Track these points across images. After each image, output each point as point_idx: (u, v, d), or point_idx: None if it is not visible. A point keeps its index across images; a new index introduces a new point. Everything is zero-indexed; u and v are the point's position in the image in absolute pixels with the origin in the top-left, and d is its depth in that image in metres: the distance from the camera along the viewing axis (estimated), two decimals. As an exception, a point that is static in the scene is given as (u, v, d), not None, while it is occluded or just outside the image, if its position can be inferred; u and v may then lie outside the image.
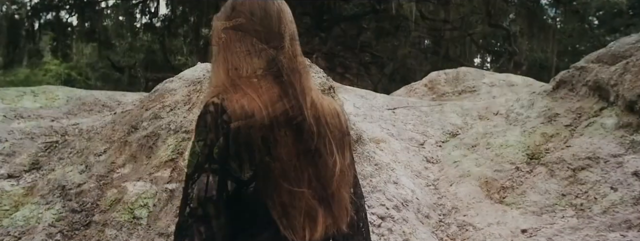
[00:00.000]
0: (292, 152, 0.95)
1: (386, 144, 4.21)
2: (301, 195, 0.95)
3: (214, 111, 0.93)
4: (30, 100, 3.93)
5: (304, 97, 0.99)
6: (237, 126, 0.92)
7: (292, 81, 0.99)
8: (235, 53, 1.01)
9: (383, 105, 5.54)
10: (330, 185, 0.99)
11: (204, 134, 0.93)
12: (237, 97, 0.95)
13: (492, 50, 17.58)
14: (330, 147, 1.00)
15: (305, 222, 0.96)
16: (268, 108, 0.95)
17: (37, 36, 13.29)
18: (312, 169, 0.98)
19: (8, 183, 2.95)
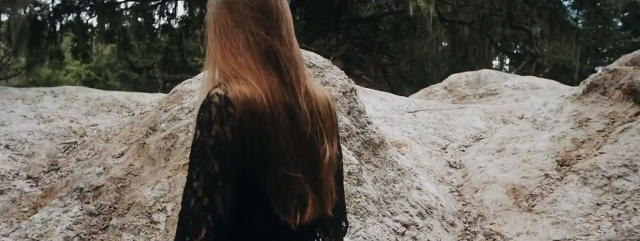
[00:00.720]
0: (289, 138, 0.98)
1: (407, 148, 4.09)
2: (296, 180, 0.98)
3: (218, 102, 0.93)
4: (50, 100, 3.93)
5: (299, 87, 1.02)
6: (242, 116, 0.93)
7: (289, 70, 1.01)
8: (233, 40, 1.02)
9: (403, 107, 5.42)
10: (320, 171, 1.03)
11: (208, 125, 0.93)
12: (238, 86, 0.96)
13: (511, 52, 17.27)
14: (321, 135, 1.03)
15: (297, 205, 0.99)
16: (268, 96, 0.97)
17: (58, 37, 13.48)
18: (305, 156, 1.01)
19: (27, 184, 2.92)
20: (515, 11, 10.98)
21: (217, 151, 0.92)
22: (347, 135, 3.06)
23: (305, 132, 1.00)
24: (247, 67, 0.99)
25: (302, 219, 1.00)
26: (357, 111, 3.29)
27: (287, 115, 0.98)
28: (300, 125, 1.00)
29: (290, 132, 0.98)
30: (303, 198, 1.00)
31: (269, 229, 1.00)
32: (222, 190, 0.92)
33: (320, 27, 11.97)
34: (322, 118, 1.04)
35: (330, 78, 3.28)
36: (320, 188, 1.03)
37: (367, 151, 3.15)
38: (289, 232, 1.00)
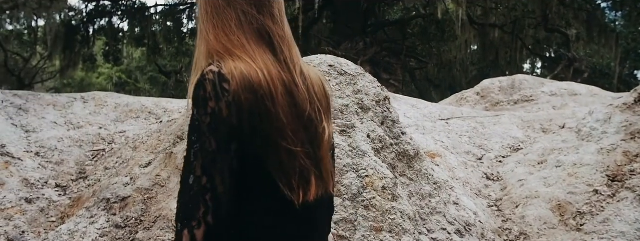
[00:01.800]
0: (288, 113, 0.97)
1: (442, 159, 3.91)
2: (297, 154, 0.97)
3: (213, 79, 0.92)
4: (80, 106, 3.93)
5: (294, 65, 1.02)
6: (238, 91, 0.92)
7: (283, 48, 1.01)
8: (225, 19, 1.01)
9: (435, 115, 5.23)
10: (320, 150, 1.03)
11: (204, 103, 0.91)
12: (233, 63, 0.95)
13: (544, 55, 16.71)
14: (319, 113, 1.03)
15: (300, 182, 0.98)
16: (264, 71, 0.96)
17: (91, 41, 13.79)
18: (305, 133, 1.00)
19: (56, 192, 2.89)
20: (551, 13, 10.57)
21: (213, 128, 0.91)
22: (381, 146, 2.92)
23: (305, 109, 1.00)
24: (240, 45, 0.98)
25: (306, 196, 0.99)
26: (391, 121, 3.14)
27: (285, 90, 0.98)
28: (299, 103, 1.00)
29: (289, 108, 0.97)
30: (305, 175, 0.99)
31: (274, 209, 0.98)
32: (221, 168, 0.90)
33: (347, 30, 11.84)
34: (318, 98, 1.04)
35: (363, 87, 3.15)
36: (322, 166, 1.03)
37: (402, 163, 3.00)
38: (293, 212, 0.98)
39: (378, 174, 2.68)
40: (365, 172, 2.66)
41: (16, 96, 3.69)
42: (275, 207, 0.98)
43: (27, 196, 2.72)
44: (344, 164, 2.65)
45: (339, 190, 2.58)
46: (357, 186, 2.58)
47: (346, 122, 2.87)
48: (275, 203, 0.98)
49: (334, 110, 2.90)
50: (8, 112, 3.45)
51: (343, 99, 2.99)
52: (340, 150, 2.70)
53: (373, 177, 2.65)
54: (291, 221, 1.00)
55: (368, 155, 2.76)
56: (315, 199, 1.01)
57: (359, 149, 2.76)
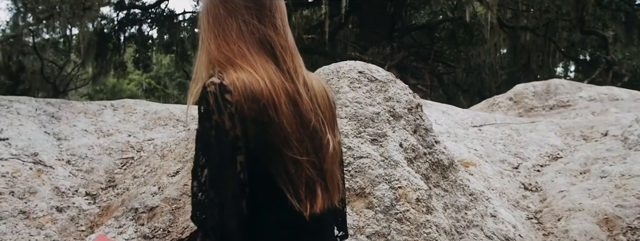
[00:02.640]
0: (292, 123, 0.96)
1: (476, 168, 3.75)
2: (303, 163, 0.96)
3: (214, 91, 0.92)
4: (110, 114, 3.96)
5: (297, 75, 1.01)
6: (240, 102, 0.92)
7: (286, 59, 1.00)
8: (227, 29, 1.01)
9: (467, 121, 5.06)
10: (325, 161, 1.01)
11: (207, 116, 0.92)
12: (235, 73, 0.95)
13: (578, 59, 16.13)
14: (323, 125, 1.02)
15: (306, 193, 0.97)
16: (267, 81, 0.95)
17: (122, 48, 14.12)
18: (310, 143, 0.99)
19: (85, 201, 2.89)
20: (587, 15, 10.19)
21: (218, 141, 0.90)
22: (414, 156, 2.80)
23: (310, 120, 0.99)
24: (240, 55, 0.98)
25: (313, 208, 0.98)
26: (424, 129, 3.02)
27: (289, 100, 0.97)
28: (303, 113, 0.98)
29: (293, 117, 0.96)
30: (311, 186, 0.98)
31: (284, 222, 0.98)
32: (228, 181, 0.90)
33: (373, 35, 11.72)
34: (322, 109, 1.03)
35: (394, 94, 3.04)
36: (327, 177, 1.01)
37: (435, 174, 2.87)
38: (302, 224, 0.97)
39: (411, 185, 2.56)
40: (398, 183, 2.55)
41: (49, 104, 3.74)
42: (285, 220, 0.97)
43: (57, 205, 2.73)
44: (376, 175, 2.55)
45: (371, 202, 2.48)
46: (389, 198, 2.48)
47: (377, 131, 2.77)
48: (284, 216, 0.97)
49: (365, 118, 2.81)
50: (41, 120, 3.50)
51: (374, 106, 2.89)
52: (372, 160, 2.60)
53: (406, 188, 2.54)
54: (301, 233, 0.99)
55: (401, 165, 2.65)
56: (321, 211, 0.99)
57: (391, 159, 2.65)
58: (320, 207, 0.99)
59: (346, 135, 2.69)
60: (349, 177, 2.55)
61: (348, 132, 2.71)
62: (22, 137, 3.18)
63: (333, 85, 3.02)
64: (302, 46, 11.68)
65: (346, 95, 2.90)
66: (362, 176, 2.55)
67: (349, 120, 2.78)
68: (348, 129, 2.73)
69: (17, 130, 3.25)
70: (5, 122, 3.31)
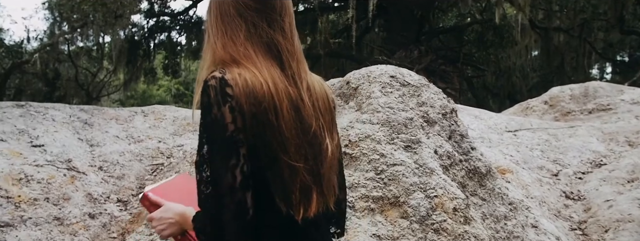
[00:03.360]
0: (292, 129, 0.96)
1: (513, 175, 3.60)
2: (298, 170, 0.96)
3: (215, 85, 0.92)
4: (140, 120, 3.99)
5: (301, 81, 1.01)
6: (241, 98, 0.92)
7: (291, 64, 1.00)
8: (234, 28, 1.00)
9: (501, 126, 4.88)
10: (323, 166, 1.01)
11: (208, 109, 0.92)
12: (238, 70, 0.95)
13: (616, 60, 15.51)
14: (323, 130, 1.02)
15: (300, 198, 0.97)
16: (270, 84, 0.95)
17: (152, 55, 14.43)
18: (309, 149, 0.99)
19: (117, 207, 2.90)
20: (627, 14, 9.76)
21: (219, 133, 0.91)
22: (449, 163, 2.69)
23: (311, 125, 0.99)
24: (246, 56, 0.98)
25: (307, 213, 0.98)
26: (459, 135, 2.90)
27: (291, 105, 0.97)
28: (304, 118, 0.99)
29: (293, 123, 0.96)
30: (306, 192, 0.98)
31: (279, 223, 0.98)
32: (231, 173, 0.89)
33: (401, 39, 11.57)
34: (322, 113, 1.03)
35: (428, 99, 2.94)
36: (323, 182, 1.01)
37: (472, 182, 2.75)
38: (296, 227, 0.97)
39: (448, 194, 2.45)
40: (434, 192, 2.45)
41: (82, 111, 3.80)
42: (281, 221, 0.97)
43: (90, 212, 2.74)
44: (410, 183, 2.46)
45: (406, 211, 2.39)
46: (425, 207, 2.38)
47: (411, 137, 2.68)
48: (281, 217, 0.97)
49: (398, 123, 2.72)
50: (75, 127, 3.55)
51: (406, 112, 2.80)
52: (406, 168, 2.51)
53: (443, 197, 2.44)
54: (296, 235, 0.99)
55: (436, 172, 2.55)
56: (316, 215, 1.00)
57: (426, 166, 2.55)
58: (314, 212, 0.99)
59: (378, 141, 2.61)
60: (383, 185, 2.47)
61: (380, 139, 2.62)
62: (56, 143, 3.23)
63: (364, 90, 2.95)
64: (329, 51, 11.64)
65: (378, 100, 2.82)
66: (396, 184, 2.46)
67: (381, 126, 2.69)
68: (380, 135, 2.64)
69: (52, 137, 3.30)
70: (42, 129, 3.37)
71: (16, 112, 3.52)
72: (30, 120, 3.45)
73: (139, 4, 10.79)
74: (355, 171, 2.53)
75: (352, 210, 2.41)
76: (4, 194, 2.64)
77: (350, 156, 2.57)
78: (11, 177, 2.76)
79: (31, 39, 11.94)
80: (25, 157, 2.97)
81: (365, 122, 2.73)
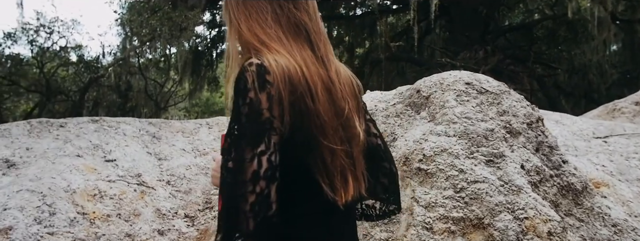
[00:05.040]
0: (328, 111, 0.95)
1: (609, 189, 3.19)
2: (338, 153, 0.95)
3: (255, 71, 0.89)
4: (205, 132, 4.00)
5: (330, 63, 1.00)
6: (280, 86, 0.89)
7: (319, 45, 0.99)
8: (261, 12, 0.98)
9: (587, 132, 4.41)
10: (355, 149, 1.00)
11: (243, 93, 0.89)
12: (272, 56, 0.93)
13: None
14: (353, 113, 1.01)
15: (341, 182, 0.96)
16: (303, 67, 0.93)
17: (214, 64, 14.89)
18: (343, 131, 0.98)
19: (185, 223, 2.88)
20: None
21: (251, 118, 0.88)
22: (539, 179, 2.40)
23: (343, 108, 0.98)
24: (276, 38, 0.96)
25: (346, 197, 0.97)
26: (548, 147, 2.60)
27: (324, 87, 0.96)
28: (336, 101, 0.98)
29: (328, 105, 0.95)
30: (344, 174, 0.97)
31: (315, 208, 0.96)
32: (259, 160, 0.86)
33: (464, 39, 11.06)
34: (350, 97, 1.02)
35: (509, 107, 2.66)
36: (356, 166, 1.01)
37: (566, 200, 2.43)
38: (332, 213, 0.96)
39: (540, 215, 2.17)
40: (523, 213, 2.18)
41: (151, 124, 3.87)
42: (316, 209, 0.96)
43: (159, 228, 2.74)
44: (496, 202, 2.20)
45: (491, 235, 2.14)
46: (514, 231, 2.11)
47: (493, 150, 2.42)
48: (315, 206, 0.95)
49: (477, 135, 2.47)
50: (144, 141, 3.61)
51: (486, 122, 2.54)
52: (489, 185, 2.26)
53: (534, 218, 2.16)
54: (331, 222, 0.98)
55: (524, 190, 2.27)
56: (352, 198, 0.98)
57: (513, 183, 2.29)
58: (351, 196, 0.98)
59: (456, 155, 2.38)
60: (464, 205, 2.23)
61: (458, 153, 2.39)
62: (127, 157, 3.30)
63: (437, 99, 2.73)
64: (389, 54, 11.37)
65: (453, 110, 2.59)
66: (479, 204, 2.22)
67: (458, 139, 2.46)
68: (458, 149, 2.41)
69: (123, 151, 3.37)
70: (114, 143, 3.46)
71: (91, 127, 3.64)
72: (104, 134, 3.55)
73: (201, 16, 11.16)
74: (431, 188, 2.31)
75: (430, 232, 2.20)
76: (80, 210, 2.70)
77: (425, 172, 2.36)
78: (86, 193, 2.83)
79: (106, 54, 12.76)
80: (99, 173, 3.04)
81: (440, 134, 2.50)
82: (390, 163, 1.16)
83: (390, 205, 1.16)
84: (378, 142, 1.16)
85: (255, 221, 0.83)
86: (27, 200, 2.59)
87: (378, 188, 1.14)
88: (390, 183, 1.14)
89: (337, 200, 0.95)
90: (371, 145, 1.12)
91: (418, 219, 2.21)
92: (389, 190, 1.15)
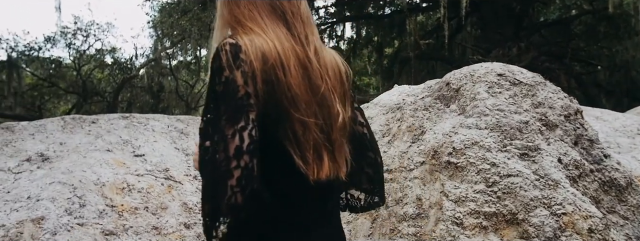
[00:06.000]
0: (301, 85, 0.96)
1: (655, 187, 2.99)
2: (310, 125, 0.96)
3: (229, 50, 0.92)
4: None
5: (308, 42, 1.01)
6: (253, 63, 0.92)
7: (296, 25, 1.01)
8: None
9: (631, 128, 4.17)
10: (333, 131, 1.00)
11: (219, 72, 0.91)
12: (247, 36, 0.96)
13: None
14: (333, 95, 1.01)
15: (314, 157, 0.96)
16: (276, 43, 0.96)
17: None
18: (319, 109, 0.98)
19: (210, 217, 2.88)
20: None
21: (227, 96, 0.89)
22: (578, 174, 2.27)
23: (319, 85, 0.98)
24: (251, 17, 0.99)
25: (319, 173, 0.96)
26: (587, 140, 2.45)
27: (298, 62, 0.97)
28: (312, 78, 0.98)
29: (302, 80, 0.96)
30: (318, 150, 0.97)
31: (288, 185, 0.96)
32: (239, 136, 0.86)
33: (497, 36, 10.75)
34: (332, 80, 1.02)
35: (545, 98, 2.53)
36: (335, 148, 1.00)
37: (609, 196, 2.29)
38: (307, 189, 0.96)
39: (580, 211, 2.04)
40: (561, 208, 2.05)
41: (179, 120, 3.92)
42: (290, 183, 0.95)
43: (185, 222, 2.75)
44: (531, 197, 2.09)
45: (526, 231, 2.03)
46: (551, 227, 2.00)
47: (527, 143, 2.30)
48: (293, 185, 0.95)
49: (510, 128, 2.36)
50: (172, 136, 3.65)
51: (520, 115, 2.42)
52: (524, 179, 2.14)
53: (573, 215, 2.03)
54: (311, 202, 0.97)
55: (562, 185, 2.15)
56: (327, 179, 0.97)
57: (549, 178, 2.17)
58: (326, 174, 0.97)
59: (488, 148, 2.28)
60: (496, 199, 2.13)
61: (490, 145, 2.29)
62: (155, 153, 3.33)
63: (467, 91, 2.63)
64: (419, 52, 11.19)
65: (484, 102, 2.48)
66: (513, 199, 2.11)
67: (490, 131, 2.35)
68: (490, 142, 2.31)
69: (152, 147, 3.41)
70: (143, 139, 3.51)
71: (122, 123, 3.71)
72: (134, 130, 3.61)
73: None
74: (461, 182, 2.22)
75: (460, 228, 2.11)
76: (109, 203, 2.74)
77: (455, 165, 2.27)
78: (115, 186, 2.87)
79: (139, 56, 13.10)
80: (128, 167, 3.08)
81: (470, 126, 2.40)
82: (376, 153, 1.15)
83: (374, 196, 1.15)
84: (364, 131, 1.14)
85: (243, 195, 0.83)
86: (58, 191, 2.65)
87: (363, 178, 1.14)
88: (375, 173, 1.14)
89: (309, 174, 0.94)
90: (357, 134, 1.12)
91: (447, 214, 2.13)
92: (373, 180, 1.14)
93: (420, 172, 2.35)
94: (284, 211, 0.95)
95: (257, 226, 0.91)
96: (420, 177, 2.33)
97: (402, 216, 2.23)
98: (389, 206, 2.30)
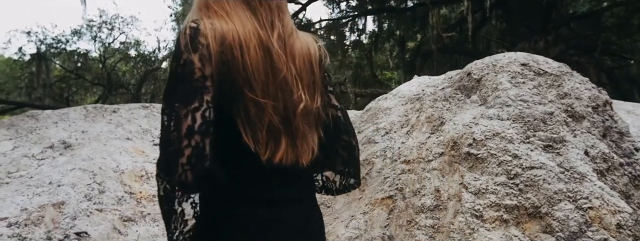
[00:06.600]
0: (259, 66, 0.96)
1: (689, 183, 2.84)
2: (265, 106, 0.96)
3: (189, 34, 0.94)
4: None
5: (273, 28, 1.02)
6: (213, 45, 0.94)
7: (261, 10, 1.02)
8: None
9: (664, 123, 3.99)
10: (294, 117, 1.00)
11: (178, 54, 0.94)
12: (209, 19, 0.98)
13: None
14: (297, 81, 1.01)
15: (268, 138, 0.97)
16: (237, 25, 0.98)
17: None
18: (278, 92, 0.98)
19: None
20: None
21: (184, 78, 0.91)
22: (606, 167, 2.17)
23: (281, 69, 0.99)
24: (216, 2, 1.01)
25: (275, 157, 0.97)
26: (617, 133, 2.35)
27: (260, 44, 0.98)
28: (275, 61, 0.99)
29: (261, 62, 0.97)
30: (273, 132, 0.97)
31: (243, 165, 0.97)
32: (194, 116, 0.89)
33: (523, 29, 10.46)
34: (297, 67, 1.02)
35: (571, 89, 2.43)
36: (296, 134, 1.00)
37: (639, 191, 2.18)
38: (262, 171, 0.96)
39: (607, 206, 1.95)
40: (587, 203, 1.97)
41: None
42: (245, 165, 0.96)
43: (201, 210, 2.76)
44: (555, 190, 2.01)
45: (550, 225, 1.95)
46: (577, 221, 1.91)
47: (552, 135, 2.21)
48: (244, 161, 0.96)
49: (534, 119, 2.27)
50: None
51: (544, 106, 2.33)
52: (547, 172, 2.06)
53: (600, 209, 1.94)
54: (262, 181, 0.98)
55: (588, 178, 2.06)
56: (283, 164, 0.98)
57: (575, 171, 2.08)
58: (280, 158, 0.97)
59: (510, 140, 2.20)
60: (518, 192, 2.05)
61: (512, 137, 2.21)
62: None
63: (489, 82, 2.54)
64: (441, 45, 11.00)
65: (507, 92, 2.40)
66: (535, 191, 2.03)
67: (512, 122, 2.27)
68: (512, 133, 2.23)
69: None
70: (162, 128, 3.54)
71: (142, 112, 3.75)
72: (153, 120, 3.65)
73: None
74: (482, 174, 2.15)
75: (479, 220, 2.05)
76: (128, 190, 2.77)
77: (475, 157, 2.20)
78: (134, 174, 2.90)
79: (162, 48, 13.28)
80: (146, 155, 3.11)
81: (492, 117, 2.33)
82: (350, 136, 1.15)
83: (350, 178, 1.16)
84: (338, 114, 1.14)
85: (193, 173, 0.87)
86: (79, 178, 2.69)
87: (337, 160, 1.14)
88: (349, 156, 1.14)
89: (260, 154, 0.95)
90: (332, 117, 1.12)
91: (467, 206, 2.06)
92: (348, 162, 1.14)
93: (439, 163, 2.29)
94: (239, 191, 0.97)
95: (214, 204, 0.95)
96: (439, 168, 2.27)
97: (420, 208, 2.18)
98: (407, 197, 2.26)
